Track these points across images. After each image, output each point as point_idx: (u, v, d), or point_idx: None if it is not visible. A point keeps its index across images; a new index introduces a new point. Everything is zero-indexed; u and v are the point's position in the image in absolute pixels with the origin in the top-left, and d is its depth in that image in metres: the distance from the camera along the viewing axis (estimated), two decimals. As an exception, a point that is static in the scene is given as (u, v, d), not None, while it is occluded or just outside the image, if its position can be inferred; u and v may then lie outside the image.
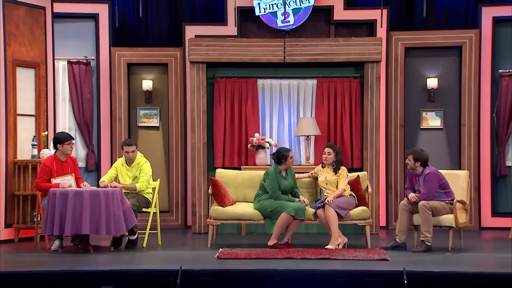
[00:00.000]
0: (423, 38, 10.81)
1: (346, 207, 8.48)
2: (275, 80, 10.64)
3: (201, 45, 10.34)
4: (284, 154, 8.60)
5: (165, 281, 6.51)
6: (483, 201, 10.69)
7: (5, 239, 9.11)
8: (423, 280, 6.54)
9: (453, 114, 10.82)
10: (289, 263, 7.29)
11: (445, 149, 10.72)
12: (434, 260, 7.62)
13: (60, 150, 8.53)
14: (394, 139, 10.75)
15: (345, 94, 10.44)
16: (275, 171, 8.57)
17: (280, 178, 8.56)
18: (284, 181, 8.58)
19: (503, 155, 10.68)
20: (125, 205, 8.15)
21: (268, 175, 8.57)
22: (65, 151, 8.53)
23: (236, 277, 6.74)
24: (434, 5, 11.03)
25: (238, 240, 9.52)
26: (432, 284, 6.56)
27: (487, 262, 7.75)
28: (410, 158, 8.44)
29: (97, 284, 5.79)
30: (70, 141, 8.55)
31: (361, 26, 10.87)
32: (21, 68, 9.51)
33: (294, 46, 10.31)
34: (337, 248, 8.24)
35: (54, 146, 8.63)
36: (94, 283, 6.15)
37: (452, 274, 6.79)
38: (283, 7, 10.52)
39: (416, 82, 10.88)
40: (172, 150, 10.92)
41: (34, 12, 9.69)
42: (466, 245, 8.60)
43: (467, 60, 10.68)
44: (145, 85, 10.96)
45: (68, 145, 8.52)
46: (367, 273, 6.74)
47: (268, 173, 8.60)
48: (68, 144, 8.51)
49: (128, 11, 11.27)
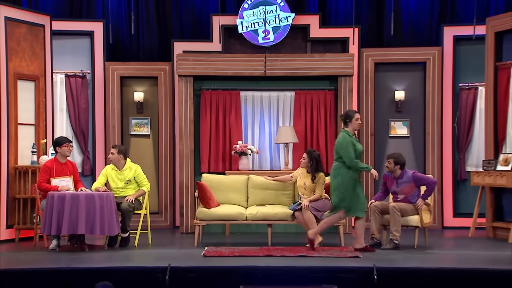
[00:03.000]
0: (391, 54, 10.86)
1: (321, 209, 8.49)
2: (256, 92, 10.64)
3: (188, 60, 10.32)
4: (349, 114, 7.91)
5: (155, 277, 6.48)
6: (445, 203, 10.75)
7: (6, 239, 9.05)
8: (392, 275, 6.55)
9: (419, 124, 10.87)
10: (269, 260, 7.28)
11: (411, 156, 10.75)
12: (401, 257, 7.63)
13: (59, 153, 8.55)
14: (365, 146, 10.77)
15: (320, 105, 10.46)
16: (348, 135, 7.81)
17: (355, 142, 7.84)
18: (358, 144, 7.88)
19: (463, 161, 10.74)
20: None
21: (341, 145, 7.80)
22: (63, 153, 8.54)
23: (221, 274, 6.72)
24: (401, 24, 11.10)
25: (222, 239, 9.49)
26: (400, 279, 6.57)
27: (449, 259, 7.78)
28: (391, 162, 8.47)
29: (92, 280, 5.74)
30: (68, 144, 8.57)
31: (335, 43, 10.89)
32: (22, 81, 9.46)
33: (274, 61, 10.32)
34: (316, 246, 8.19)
35: (54, 149, 8.66)
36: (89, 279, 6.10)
37: (418, 270, 6.81)
38: (264, 25, 10.55)
39: (385, 95, 10.92)
40: (162, 156, 10.88)
41: (34, 29, 9.65)
42: (430, 243, 8.63)
43: (430, 74, 10.74)
44: (136, 96, 10.93)
45: (66, 147, 8.54)
46: (340, 269, 6.75)
47: (340, 142, 7.82)
48: (66, 146, 8.54)
49: (121, 29, 11.24)
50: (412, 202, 8.38)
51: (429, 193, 8.42)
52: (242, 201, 9.11)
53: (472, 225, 9.57)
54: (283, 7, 10.66)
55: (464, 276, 6.66)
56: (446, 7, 11.09)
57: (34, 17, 9.71)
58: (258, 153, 10.49)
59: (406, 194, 8.42)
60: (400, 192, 8.45)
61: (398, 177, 8.47)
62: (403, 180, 8.45)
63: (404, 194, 8.43)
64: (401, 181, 8.45)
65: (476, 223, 9.64)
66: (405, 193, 8.43)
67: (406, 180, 8.44)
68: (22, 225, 9.22)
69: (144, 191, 8.70)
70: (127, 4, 11.18)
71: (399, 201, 8.41)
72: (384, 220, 8.42)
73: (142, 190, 8.70)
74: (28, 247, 8.61)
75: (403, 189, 8.43)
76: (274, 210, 8.69)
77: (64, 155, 8.55)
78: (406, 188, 8.43)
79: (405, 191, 8.43)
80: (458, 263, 7.36)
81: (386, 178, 8.60)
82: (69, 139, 8.69)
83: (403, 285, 6.51)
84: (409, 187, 8.42)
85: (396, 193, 8.49)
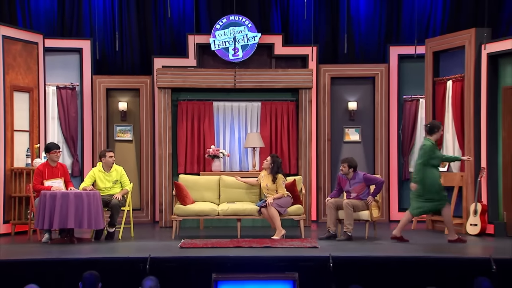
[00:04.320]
0: (345, 69, 10.93)
1: (284, 206, 8.52)
2: (227, 102, 10.63)
3: (167, 74, 10.28)
4: (437, 125, 8.01)
5: (136, 266, 6.45)
6: (392, 199, 10.85)
7: (3, 233, 8.91)
8: (345, 263, 6.60)
9: (369, 130, 10.95)
10: (239, 251, 7.28)
11: (363, 158, 10.83)
12: (354, 247, 7.69)
13: (49, 158, 8.49)
14: (323, 150, 10.84)
15: (283, 114, 10.49)
16: (431, 143, 7.92)
17: (436, 150, 7.94)
18: (438, 152, 8.01)
19: (407, 163, 10.86)
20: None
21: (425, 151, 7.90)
22: (52, 158, 8.48)
23: (195, 263, 6.71)
24: (353, 44, 11.19)
25: (197, 232, 9.46)
26: (353, 266, 6.63)
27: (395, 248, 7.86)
28: (345, 166, 8.52)
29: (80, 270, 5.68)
30: (55, 150, 8.49)
31: (296, 60, 10.93)
32: (18, 92, 9.34)
33: (242, 75, 10.33)
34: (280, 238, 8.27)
35: (45, 153, 8.58)
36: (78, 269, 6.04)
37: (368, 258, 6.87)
38: (234, 44, 10.57)
39: (340, 105, 11.00)
40: (143, 159, 10.82)
41: (29, 46, 9.54)
42: (379, 235, 8.70)
43: (379, 87, 10.85)
44: (120, 106, 10.85)
45: (54, 153, 8.48)
46: (301, 258, 6.78)
47: (425, 149, 7.91)
48: (54, 153, 8.48)
49: (106, 46, 11.15)
50: (363, 199, 8.46)
51: (377, 191, 8.50)
52: (215, 199, 9.11)
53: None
54: (250, 27, 10.69)
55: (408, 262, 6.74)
56: (392, 29, 11.22)
57: (28, 35, 9.61)
58: (229, 156, 10.50)
59: (358, 192, 8.49)
60: (352, 191, 8.52)
61: (351, 178, 8.54)
62: (355, 180, 8.52)
63: (356, 193, 8.50)
64: (354, 181, 8.52)
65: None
66: (357, 192, 8.49)
67: (358, 180, 8.51)
68: (17, 220, 9.09)
69: (127, 190, 8.66)
70: (112, 24, 11.10)
71: (352, 198, 8.48)
72: (339, 215, 8.49)
73: (126, 190, 8.65)
74: (22, 240, 8.49)
75: (355, 188, 8.50)
76: (243, 207, 8.70)
77: (53, 160, 8.49)
78: (357, 188, 8.50)
79: (357, 190, 8.50)
80: (403, 252, 7.43)
81: (340, 179, 8.65)
82: (58, 146, 8.61)
83: (355, 271, 6.57)
84: (360, 186, 8.50)
85: (349, 192, 8.55)
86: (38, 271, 6.43)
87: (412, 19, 10.73)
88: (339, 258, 6.57)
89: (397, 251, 7.51)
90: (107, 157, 8.65)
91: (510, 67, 8.91)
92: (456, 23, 10.59)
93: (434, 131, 8.02)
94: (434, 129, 8.02)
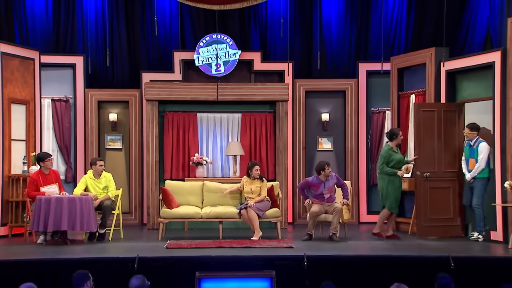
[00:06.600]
0: (318, 84, 10.99)
1: (263, 209, 8.54)
2: (210, 113, 10.64)
3: (154, 87, 10.27)
4: (396, 133, 8.60)
5: (125, 265, 6.44)
6: (361, 203, 10.91)
7: (1, 235, 8.83)
8: (319, 261, 6.64)
9: (340, 140, 11.01)
10: (220, 251, 7.29)
11: (335, 165, 10.83)
12: (326, 247, 7.73)
13: (43, 166, 8.43)
14: (298, 158, 10.88)
15: (262, 124, 10.53)
16: (387, 148, 8.58)
17: (392, 153, 8.52)
18: (395, 154, 8.55)
19: (375, 170, 10.86)
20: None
21: (382, 154, 8.58)
22: (47, 166, 8.45)
23: (180, 262, 6.71)
24: (326, 61, 11.25)
25: (182, 234, 9.44)
26: (325, 265, 6.67)
27: (364, 247, 7.93)
28: (327, 167, 8.51)
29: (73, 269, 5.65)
30: (49, 158, 8.47)
31: (273, 75, 10.96)
32: (15, 104, 9.28)
33: (224, 88, 10.36)
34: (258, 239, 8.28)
35: (38, 163, 8.52)
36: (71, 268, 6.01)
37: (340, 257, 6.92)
38: (216, 60, 10.60)
39: (314, 116, 11.04)
40: (132, 166, 10.77)
41: (26, 62, 9.49)
42: (349, 235, 8.76)
43: (349, 100, 10.93)
44: (111, 117, 10.80)
45: (48, 161, 8.46)
46: (278, 258, 6.81)
47: (381, 153, 8.60)
48: (48, 161, 8.46)
49: (98, 61, 11.10)
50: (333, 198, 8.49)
51: (346, 194, 8.54)
52: (198, 203, 9.10)
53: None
54: (231, 45, 10.72)
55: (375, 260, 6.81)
56: (361, 47, 11.30)
57: (25, 52, 9.55)
58: (212, 163, 10.50)
59: (331, 192, 8.52)
60: (327, 192, 8.50)
61: (325, 180, 8.52)
62: (333, 180, 8.50)
63: (330, 193, 8.51)
64: (329, 183, 8.51)
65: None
66: (331, 192, 8.51)
67: (332, 179, 8.52)
68: (14, 223, 9.02)
69: (109, 196, 8.58)
70: (103, 41, 11.06)
71: (328, 198, 8.48)
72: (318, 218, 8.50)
73: (107, 195, 8.57)
74: (19, 242, 8.41)
75: (330, 188, 8.48)
76: (225, 210, 8.71)
77: (47, 167, 8.45)
78: (332, 188, 8.51)
79: (331, 190, 8.50)
80: (370, 251, 7.49)
81: (312, 184, 8.54)
82: (49, 154, 8.61)
83: (328, 269, 6.61)
84: (333, 186, 8.52)
85: (322, 194, 8.51)
86: (34, 270, 6.38)
87: (379, 39, 10.84)
88: (313, 257, 6.61)
89: (365, 250, 7.57)
90: (98, 165, 8.64)
91: (466, 83, 9.07)
92: (418, 43, 10.73)
93: (393, 138, 8.61)
94: (393, 136, 8.61)
